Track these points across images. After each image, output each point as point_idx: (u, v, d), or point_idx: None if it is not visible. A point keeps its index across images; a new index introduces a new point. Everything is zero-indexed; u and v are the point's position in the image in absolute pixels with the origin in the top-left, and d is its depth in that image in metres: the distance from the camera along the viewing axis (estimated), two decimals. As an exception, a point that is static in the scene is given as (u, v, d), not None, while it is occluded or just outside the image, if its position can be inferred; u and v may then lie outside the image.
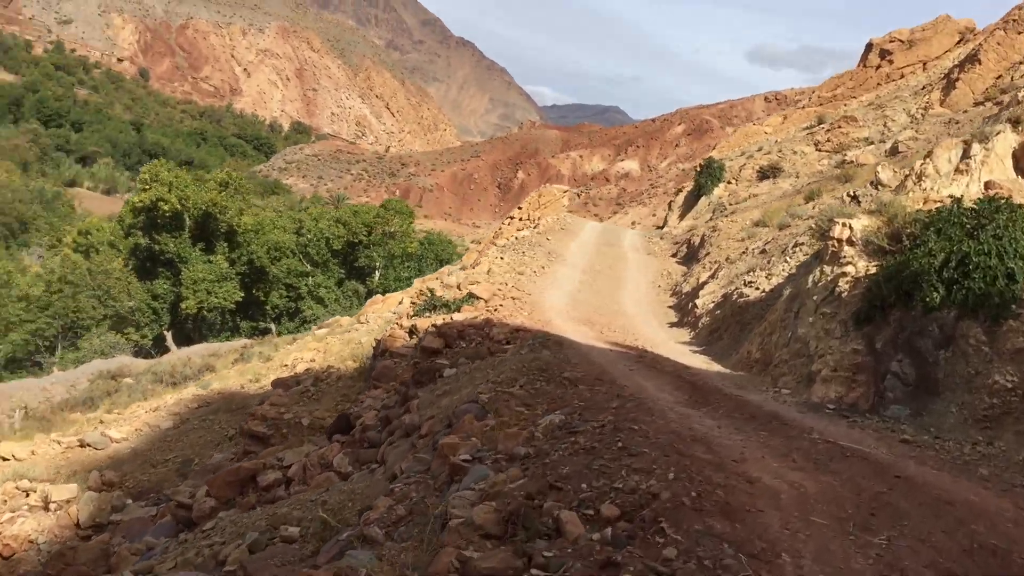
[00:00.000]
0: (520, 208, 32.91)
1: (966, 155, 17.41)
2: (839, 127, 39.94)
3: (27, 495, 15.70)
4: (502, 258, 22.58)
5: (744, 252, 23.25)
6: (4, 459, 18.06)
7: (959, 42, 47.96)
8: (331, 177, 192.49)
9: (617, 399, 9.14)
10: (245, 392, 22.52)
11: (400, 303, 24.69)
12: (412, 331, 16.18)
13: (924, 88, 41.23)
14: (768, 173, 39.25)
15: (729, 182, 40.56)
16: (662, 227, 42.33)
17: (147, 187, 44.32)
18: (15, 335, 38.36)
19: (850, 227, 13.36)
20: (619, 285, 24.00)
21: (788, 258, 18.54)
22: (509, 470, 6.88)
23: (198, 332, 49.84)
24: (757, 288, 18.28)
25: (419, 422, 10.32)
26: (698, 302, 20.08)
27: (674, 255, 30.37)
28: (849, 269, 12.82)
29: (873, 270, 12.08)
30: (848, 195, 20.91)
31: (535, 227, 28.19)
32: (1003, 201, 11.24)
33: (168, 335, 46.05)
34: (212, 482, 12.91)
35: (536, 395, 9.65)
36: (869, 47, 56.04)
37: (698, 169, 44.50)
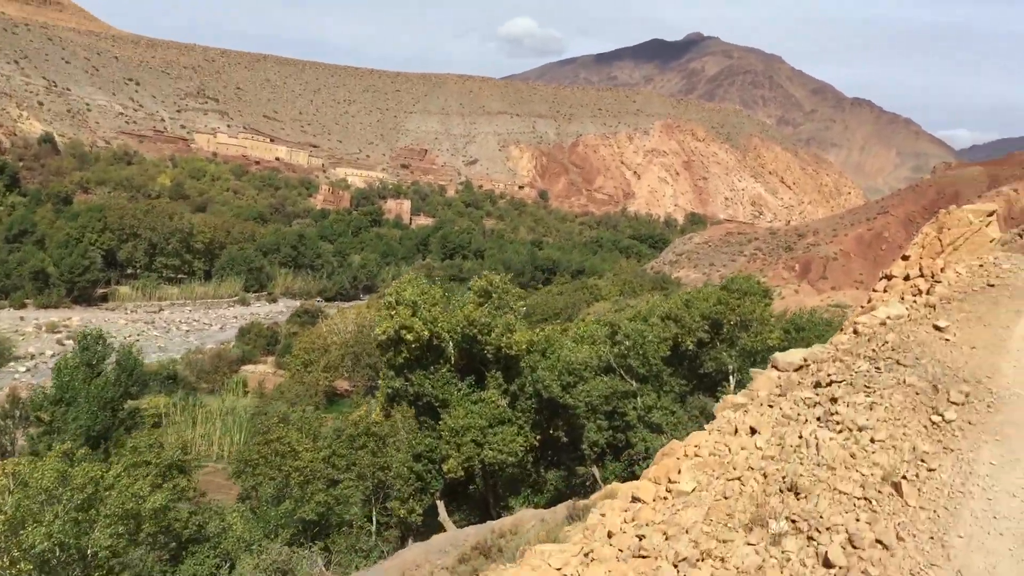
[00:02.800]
0: (905, 258, 15.31)
1: None
2: None
3: None
4: (754, 433, 6.23)
5: None
6: None
7: None
8: (723, 262, 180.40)
9: None
10: None
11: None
12: None
13: None
14: None
15: None
16: None
17: (392, 313, 33.57)
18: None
19: None
20: None
21: None
22: None
23: (493, 494, 37.53)
24: None
25: None
26: None
27: None
28: None
29: None
30: None
31: (927, 293, 10.70)
32: None
33: (440, 505, 34.19)
34: None
35: None
36: None
37: None
